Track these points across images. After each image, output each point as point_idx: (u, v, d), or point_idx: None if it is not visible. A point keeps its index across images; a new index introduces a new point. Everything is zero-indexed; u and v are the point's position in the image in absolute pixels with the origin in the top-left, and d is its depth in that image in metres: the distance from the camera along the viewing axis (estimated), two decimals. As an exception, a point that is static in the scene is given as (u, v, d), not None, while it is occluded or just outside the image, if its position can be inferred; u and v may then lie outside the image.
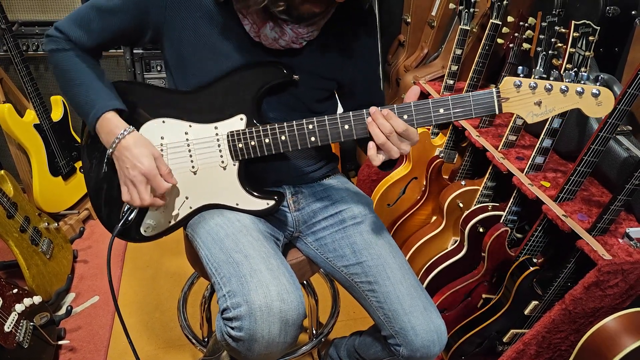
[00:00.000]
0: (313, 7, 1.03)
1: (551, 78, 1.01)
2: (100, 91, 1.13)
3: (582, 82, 0.97)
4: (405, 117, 1.03)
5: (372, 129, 1.04)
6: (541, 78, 1.01)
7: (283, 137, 1.11)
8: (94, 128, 1.13)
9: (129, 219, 1.18)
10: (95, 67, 1.16)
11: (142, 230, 1.23)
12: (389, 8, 2.74)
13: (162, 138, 1.17)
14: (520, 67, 1.02)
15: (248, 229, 1.14)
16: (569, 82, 0.97)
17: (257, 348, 1.00)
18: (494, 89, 1.00)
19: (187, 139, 1.16)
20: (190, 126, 1.16)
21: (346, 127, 1.07)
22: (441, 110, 1.02)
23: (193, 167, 1.17)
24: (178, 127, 1.16)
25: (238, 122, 1.14)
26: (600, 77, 1.00)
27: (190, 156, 1.17)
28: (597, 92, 0.96)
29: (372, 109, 1.04)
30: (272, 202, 1.19)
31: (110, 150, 1.12)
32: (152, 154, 1.10)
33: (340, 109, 1.33)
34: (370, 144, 1.04)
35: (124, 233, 1.23)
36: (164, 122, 1.16)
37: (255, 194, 1.19)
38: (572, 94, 0.97)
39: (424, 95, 2.14)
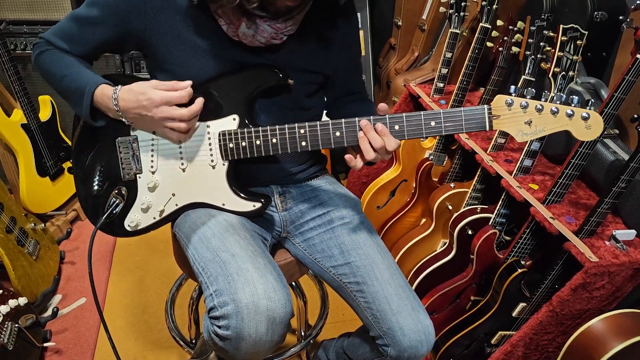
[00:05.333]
0: (288, 2, 1.01)
1: (542, 99, 1.01)
2: (90, 75, 1.12)
3: (573, 104, 0.99)
4: (397, 127, 1.04)
5: (363, 144, 1.04)
6: (530, 84, 1.00)
7: (274, 140, 1.11)
8: (92, 107, 1.11)
9: (114, 212, 1.18)
10: (81, 61, 1.16)
11: (126, 225, 1.22)
12: (381, 11, 2.75)
13: (153, 132, 1.16)
14: (512, 87, 1.02)
15: (235, 228, 1.14)
16: (559, 103, 0.99)
17: (245, 347, 1.00)
18: (485, 106, 1.02)
19: None
20: None
21: (337, 133, 1.07)
22: (432, 123, 1.04)
23: (182, 163, 1.17)
24: None
25: (231, 122, 1.14)
26: (590, 102, 1.00)
27: (181, 153, 1.17)
28: (587, 116, 0.97)
29: (363, 121, 1.04)
30: (258, 205, 1.19)
31: (122, 117, 1.10)
32: (148, 85, 1.07)
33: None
34: (350, 157, 1.06)
35: (108, 227, 1.22)
36: None
37: (242, 195, 1.18)
38: (563, 115, 0.99)
39: (414, 97, 2.15)
